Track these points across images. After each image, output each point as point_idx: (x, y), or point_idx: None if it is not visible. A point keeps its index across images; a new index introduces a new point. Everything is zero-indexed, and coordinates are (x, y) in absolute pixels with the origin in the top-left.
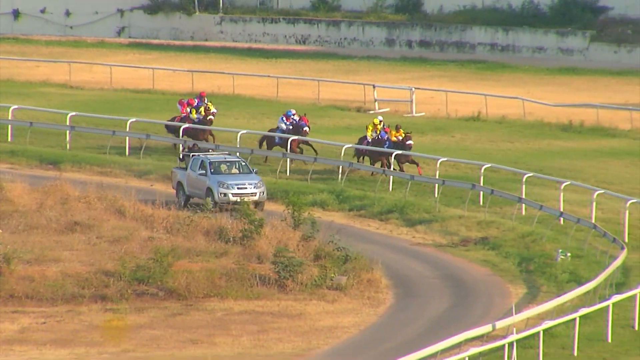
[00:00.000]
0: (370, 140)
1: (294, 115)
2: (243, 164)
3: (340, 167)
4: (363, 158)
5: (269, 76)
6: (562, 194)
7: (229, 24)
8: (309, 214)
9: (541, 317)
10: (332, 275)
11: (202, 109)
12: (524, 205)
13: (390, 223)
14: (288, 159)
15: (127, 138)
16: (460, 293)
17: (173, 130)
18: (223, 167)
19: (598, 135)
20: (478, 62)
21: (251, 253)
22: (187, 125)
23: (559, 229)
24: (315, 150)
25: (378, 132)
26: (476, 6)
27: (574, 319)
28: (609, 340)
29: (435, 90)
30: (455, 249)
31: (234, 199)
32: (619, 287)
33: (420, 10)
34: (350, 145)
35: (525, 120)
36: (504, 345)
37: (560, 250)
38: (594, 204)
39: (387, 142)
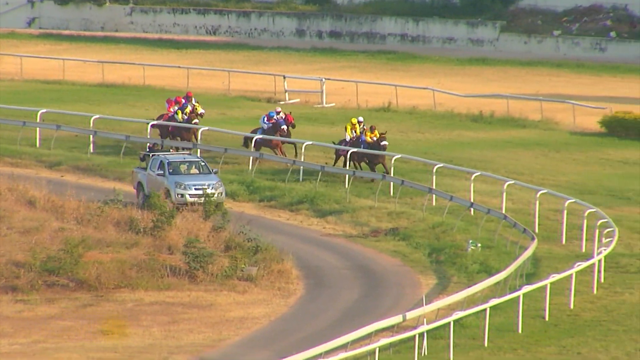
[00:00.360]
0: (348, 141)
1: (278, 113)
2: (203, 164)
3: (251, 158)
4: (347, 161)
5: (179, 67)
6: (472, 185)
7: (140, 15)
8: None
9: (452, 308)
10: (243, 266)
11: (187, 109)
12: (434, 195)
13: (300, 214)
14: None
15: (38, 129)
16: (371, 284)
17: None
18: (182, 167)
19: (508, 126)
20: (388, 53)
21: (162, 244)
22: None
23: (469, 220)
24: (295, 152)
25: (357, 132)
26: None
27: (485, 310)
28: (520, 331)
29: (346, 81)
30: (365, 240)
31: (192, 199)
32: (529, 277)
33: (330, 0)
34: (250, 135)
35: (435, 110)
36: (414, 336)
37: (471, 241)
38: (504, 194)
39: (363, 144)
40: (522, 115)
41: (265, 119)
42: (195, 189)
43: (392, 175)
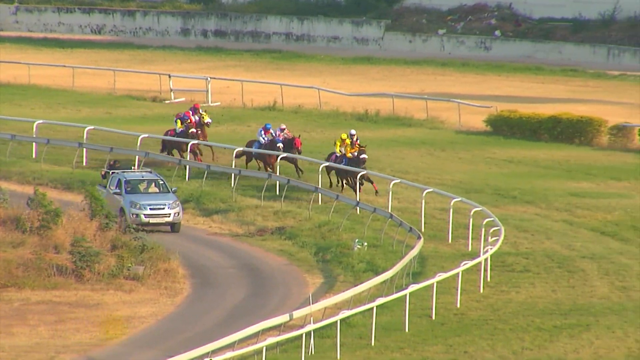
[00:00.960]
0: (338, 156)
1: (283, 130)
2: (161, 182)
3: (137, 156)
4: (340, 180)
5: (64, 66)
6: (358, 183)
7: (25, 14)
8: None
9: (338, 307)
10: (129, 265)
11: (188, 120)
12: (320, 194)
13: (187, 213)
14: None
15: None
16: (258, 283)
17: (166, 146)
18: (139, 186)
19: (394, 125)
20: (273, 52)
21: (48, 243)
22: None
23: (355, 219)
24: (298, 170)
25: (348, 147)
26: None
27: (371, 309)
28: (407, 330)
29: (231, 80)
30: (252, 239)
31: (147, 220)
32: (416, 276)
33: (215, 0)
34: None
35: (321, 109)
36: (301, 335)
37: (357, 240)
38: (390, 193)
39: (344, 159)
40: (408, 114)
41: (263, 132)
42: (151, 208)
43: (277, 174)
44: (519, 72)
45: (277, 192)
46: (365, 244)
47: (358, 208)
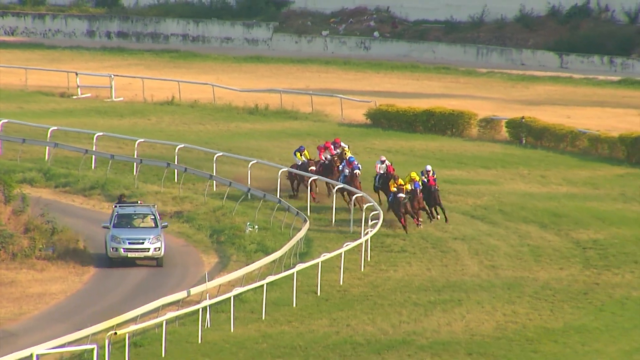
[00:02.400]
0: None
1: (383, 162)
2: (152, 217)
3: (47, 147)
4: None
5: None
6: (250, 171)
7: None
8: (19, 191)
9: (232, 284)
10: (41, 246)
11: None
12: (215, 182)
13: (93, 199)
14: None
15: None
16: (158, 262)
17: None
18: (127, 220)
19: (282, 118)
20: (172, 52)
21: None
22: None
23: (247, 204)
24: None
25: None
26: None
27: (262, 286)
28: (294, 305)
29: (133, 77)
30: None
31: (125, 254)
32: (303, 256)
33: (118, 3)
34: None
35: (215, 104)
36: (198, 310)
37: (249, 223)
38: (279, 180)
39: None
40: (295, 108)
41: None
42: (129, 243)
43: (176, 163)
44: (396, 69)
45: (176, 180)
46: (257, 226)
47: (249, 194)
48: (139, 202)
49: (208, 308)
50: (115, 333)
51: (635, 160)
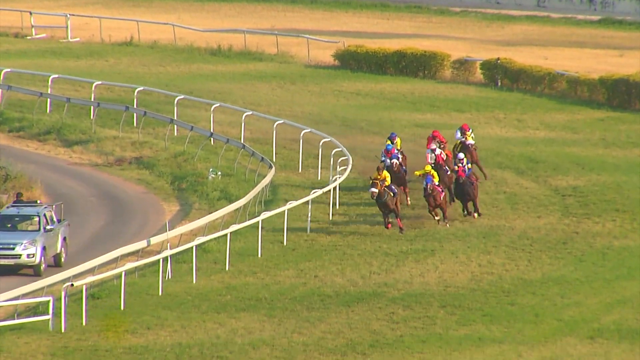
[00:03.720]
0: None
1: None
2: (37, 219)
3: (0, 90)
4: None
5: None
6: (212, 116)
7: None
8: None
9: (194, 234)
10: None
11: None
12: (176, 126)
13: (48, 144)
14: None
15: None
16: (117, 210)
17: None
18: (7, 222)
19: (246, 59)
20: None
21: None
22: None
23: (209, 149)
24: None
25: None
26: None
27: (226, 235)
28: (260, 255)
29: (90, 16)
30: (110, 168)
31: None
32: (268, 204)
33: None
34: None
35: (176, 45)
36: (159, 260)
37: (212, 169)
38: (243, 124)
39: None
40: (259, 49)
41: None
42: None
43: (135, 107)
44: (366, 9)
45: (135, 124)
46: (220, 173)
47: (212, 139)
48: (38, 201)
49: (169, 258)
50: (72, 285)
51: (616, 104)
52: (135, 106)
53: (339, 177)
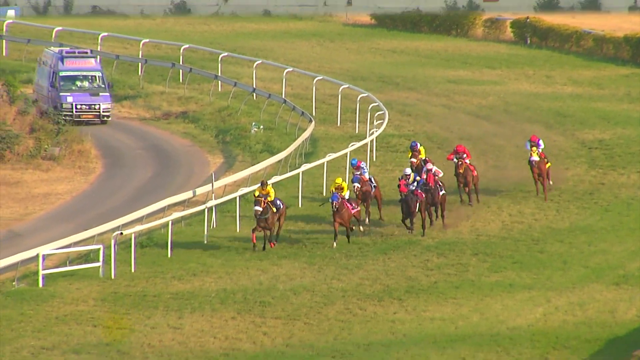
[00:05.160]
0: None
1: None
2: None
3: (52, 48)
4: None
5: None
6: (254, 72)
7: None
8: (23, 91)
9: (238, 185)
10: (46, 146)
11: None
12: (220, 82)
13: None
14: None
15: None
16: (164, 163)
17: None
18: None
19: (287, 19)
20: None
21: None
22: None
23: (252, 104)
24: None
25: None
26: None
27: None
28: (300, 206)
29: None
30: (158, 122)
31: None
32: (308, 156)
33: None
34: None
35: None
36: (204, 210)
37: (254, 123)
38: (284, 80)
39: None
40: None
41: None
42: None
43: (181, 63)
44: None
45: (181, 80)
46: (262, 127)
47: (255, 94)
48: None
49: (214, 208)
50: (122, 233)
51: None
52: (181, 63)
53: (376, 131)
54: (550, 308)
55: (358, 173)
